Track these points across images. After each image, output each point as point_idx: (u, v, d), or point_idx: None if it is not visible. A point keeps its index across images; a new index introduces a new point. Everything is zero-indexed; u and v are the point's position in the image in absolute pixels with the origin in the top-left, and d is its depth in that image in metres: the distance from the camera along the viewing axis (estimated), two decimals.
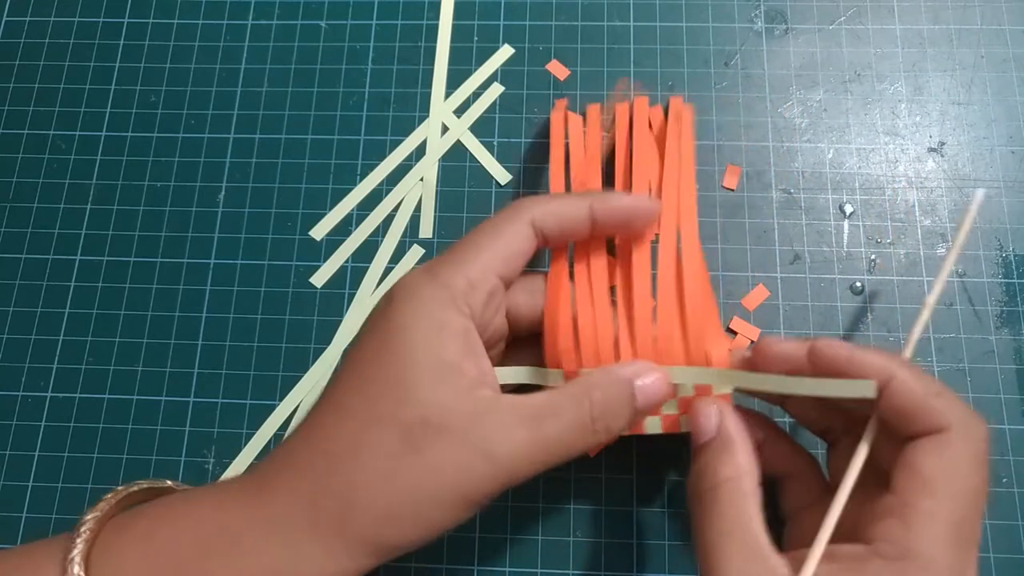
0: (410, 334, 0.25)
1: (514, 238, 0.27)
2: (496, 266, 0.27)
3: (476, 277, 0.26)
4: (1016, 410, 0.34)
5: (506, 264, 0.27)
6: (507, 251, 0.27)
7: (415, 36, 0.41)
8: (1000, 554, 0.32)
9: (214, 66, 0.41)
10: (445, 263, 0.27)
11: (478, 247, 0.27)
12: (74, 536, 0.24)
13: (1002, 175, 0.37)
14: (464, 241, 0.27)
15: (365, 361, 0.25)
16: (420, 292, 0.26)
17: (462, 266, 0.26)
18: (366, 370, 0.25)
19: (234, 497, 0.25)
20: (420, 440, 0.24)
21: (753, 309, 0.35)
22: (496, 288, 0.27)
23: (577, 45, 0.40)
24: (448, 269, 0.26)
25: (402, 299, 0.26)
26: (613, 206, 0.28)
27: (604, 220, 0.28)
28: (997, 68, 0.39)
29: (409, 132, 0.39)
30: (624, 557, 0.33)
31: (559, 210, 0.28)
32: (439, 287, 0.26)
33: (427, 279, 0.26)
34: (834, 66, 0.39)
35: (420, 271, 0.27)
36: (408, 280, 0.26)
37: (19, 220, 0.38)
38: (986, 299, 0.35)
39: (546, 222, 0.28)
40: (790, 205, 0.37)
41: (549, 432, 0.25)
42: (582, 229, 0.28)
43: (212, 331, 0.36)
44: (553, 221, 0.28)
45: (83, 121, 0.40)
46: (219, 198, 0.38)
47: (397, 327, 0.25)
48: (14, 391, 0.36)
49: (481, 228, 0.28)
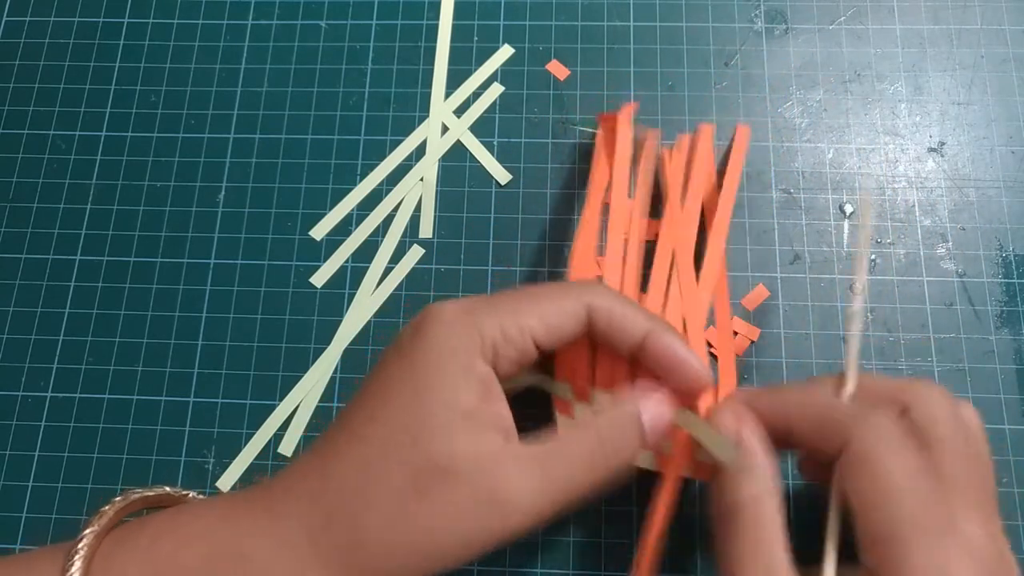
0: (435, 373, 0.24)
1: (565, 315, 0.26)
2: (536, 331, 0.26)
3: (512, 333, 0.25)
4: (1016, 410, 0.34)
5: (547, 334, 0.26)
6: (553, 322, 0.26)
7: (415, 36, 0.41)
8: None
9: (214, 66, 0.41)
10: (485, 307, 0.26)
11: (525, 305, 0.26)
12: (72, 552, 0.24)
13: (1002, 175, 0.37)
14: (516, 292, 0.27)
15: (386, 391, 0.25)
16: (452, 330, 0.25)
17: (503, 317, 0.25)
18: (385, 400, 0.25)
19: (242, 510, 0.25)
20: (428, 483, 0.23)
21: (753, 309, 0.35)
22: (528, 350, 0.26)
23: (577, 45, 0.40)
24: (487, 315, 0.25)
25: (433, 333, 0.25)
26: (667, 348, 0.26)
27: (651, 353, 0.27)
28: (997, 68, 0.39)
29: (409, 132, 0.39)
30: (624, 557, 0.33)
31: (619, 314, 0.26)
32: (472, 331, 0.25)
33: (464, 319, 0.25)
34: (834, 66, 0.39)
35: (459, 307, 0.26)
36: (444, 313, 0.25)
37: (19, 220, 0.38)
38: (986, 299, 0.35)
39: (602, 319, 0.26)
40: (790, 205, 0.37)
41: (558, 472, 0.24)
42: (628, 345, 0.27)
43: (212, 331, 0.36)
44: (607, 322, 0.26)
45: (83, 121, 0.40)
46: (219, 198, 0.38)
47: (422, 364, 0.25)
48: (14, 391, 0.36)
49: (539, 287, 0.27)
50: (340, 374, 0.36)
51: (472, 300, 0.26)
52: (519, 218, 0.37)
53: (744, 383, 0.34)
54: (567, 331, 0.26)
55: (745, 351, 0.35)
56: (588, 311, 0.26)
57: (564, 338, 0.26)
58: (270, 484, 0.25)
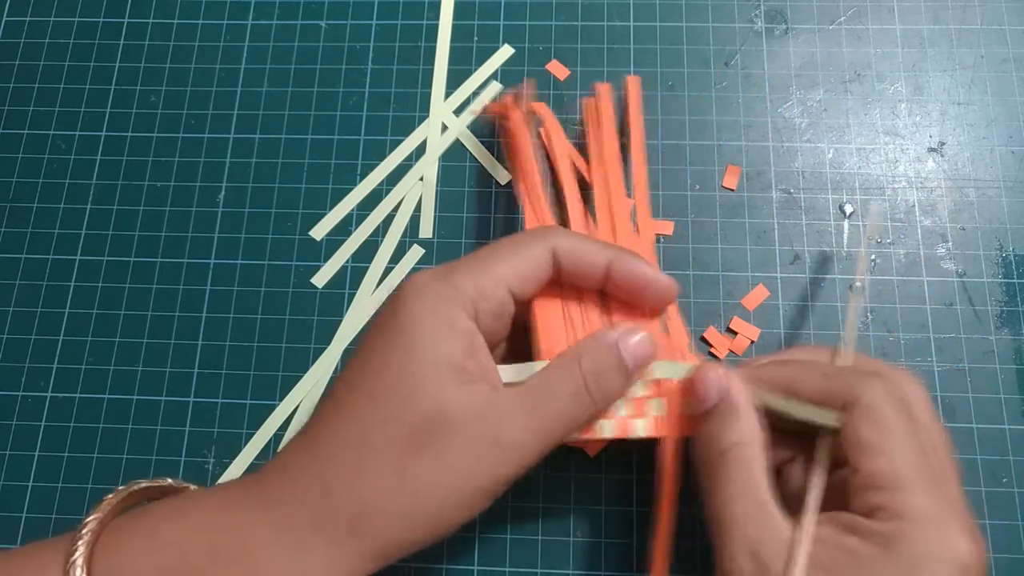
0: (416, 331, 0.25)
1: (533, 260, 0.27)
2: (509, 281, 0.27)
3: (487, 287, 0.26)
4: (1016, 410, 0.34)
5: (519, 282, 0.27)
6: (523, 269, 0.27)
7: (415, 36, 0.41)
8: (1000, 554, 0.32)
9: (214, 66, 0.41)
10: (458, 268, 0.27)
11: (494, 259, 0.27)
12: (76, 538, 0.24)
13: (1002, 175, 0.37)
14: (482, 251, 0.27)
15: (370, 359, 0.25)
16: (429, 290, 0.26)
17: (475, 273, 0.26)
18: (370, 368, 0.25)
19: (240, 498, 0.25)
20: (426, 438, 0.24)
21: (753, 309, 0.35)
22: (505, 301, 0.27)
23: (577, 45, 0.40)
24: (460, 273, 0.26)
25: (410, 296, 0.26)
26: (632, 271, 0.28)
27: (618, 280, 0.28)
28: (997, 68, 0.39)
29: (409, 132, 0.39)
30: (624, 557, 0.33)
31: (582, 251, 0.28)
32: (449, 288, 0.26)
33: (437, 279, 0.26)
34: (834, 66, 0.39)
35: (431, 272, 0.27)
36: (418, 278, 0.26)
37: (19, 220, 0.38)
38: (986, 299, 0.35)
39: (566, 258, 0.28)
40: (790, 205, 0.37)
41: (548, 409, 0.25)
42: (595, 278, 0.28)
43: (212, 331, 0.36)
44: (572, 260, 0.28)
45: (83, 121, 0.40)
46: (219, 198, 0.38)
47: (404, 324, 0.25)
48: (14, 391, 0.36)
49: (502, 242, 0.28)
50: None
51: (445, 264, 0.27)
52: (519, 218, 0.37)
53: None
54: (538, 276, 0.27)
55: (745, 351, 0.35)
56: (553, 253, 0.27)
57: (536, 283, 0.27)
58: (263, 470, 0.26)
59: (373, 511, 0.24)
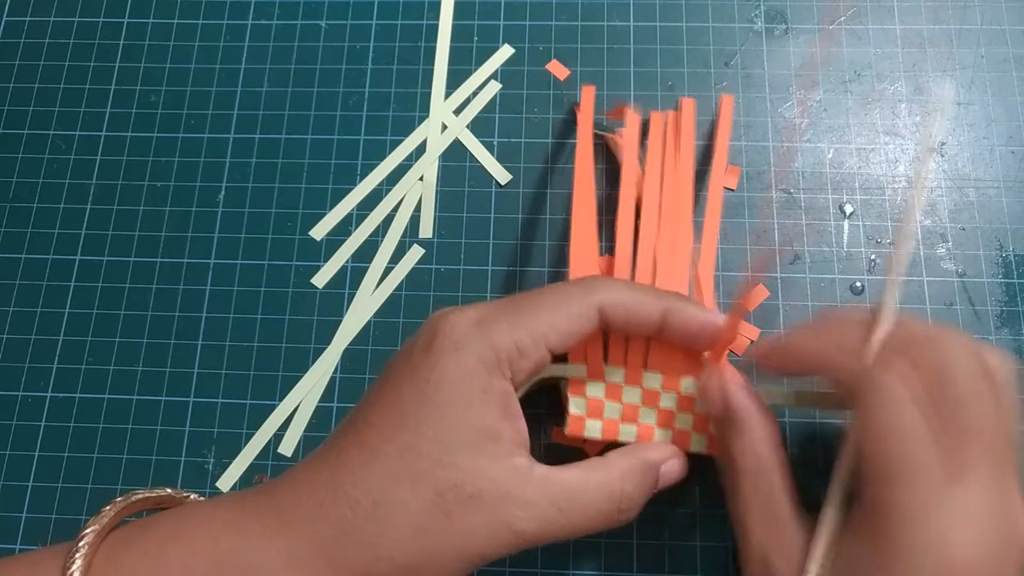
0: (452, 394, 0.24)
1: (577, 320, 0.26)
2: (549, 338, 0.26)
3: (527, 347, 0.25)
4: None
5: (560, 340, 0.26)
6: (566, 329, 0.26)
7: (415, 36, 0.41)
8: None
9: (214, 66, 0.41)
10: (498, 319, 0.25)
11: (537, 314, 0.26)
12: (72, 551, 0.24)
13: (1002, 175, 0.37)
14: (525, 300, 0.26)
15: (399, 407, 0.25)
16: (467, 348, 0.25)
17: (515, 330, 0.25)
18: (401, 420, 0.25)
19: (250, 517, 0.24)
20: (452, 505, 0.24)
21: (753, 309, 0.35)
22: (543, 359, 0.26)
23: (577, 45, 0.40)
24: (500, 329, 0.25)
25: (447, 350, 0.25)
26: (688, 321, 0.27)
27: (674, 332, 0.27)
28: (997, 68, 0.39)
29: (409, 132, 0.39)
30: (624, 557, 0.32)
31: (632, 306, 0.26)
32: (487, 348, 0.25)
33: (476, 335, 0.25)
34: (834, 66, 0.39)
35: (470, 320, 0.25)
36: (455, 329, 0.25)
37: (19, 220, 0.38)
38: (986, 299, 0.35)
39: (615, 313, 0.26)
40: (790, 205, 0.37)
41: (576, 518, 0.25)
42: (649, 330, 0.27)
43: (212, 331, 0.36)
44: (622, 315, 0.26)
45: (83, 121, 0.40)
46: (219, 198, 0.38)
47: (439, 383, 0.24)
48: (14, 391, 0.36)
49: (545, 293, 0.27)
50: (340, 374, 0.36)
51: (481, 311, 0.26)
52: (519, 218, 0.37)
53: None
54: (580, 334, 0.26)
55: (744, 351, 0.35)
56: (600, 310, 0.26)
57: (578, 340, 0.26)
58: (274, 491, 0.25)
59: (389, 561, 0.24)
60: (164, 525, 0.25)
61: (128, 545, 0.25)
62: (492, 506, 0.24)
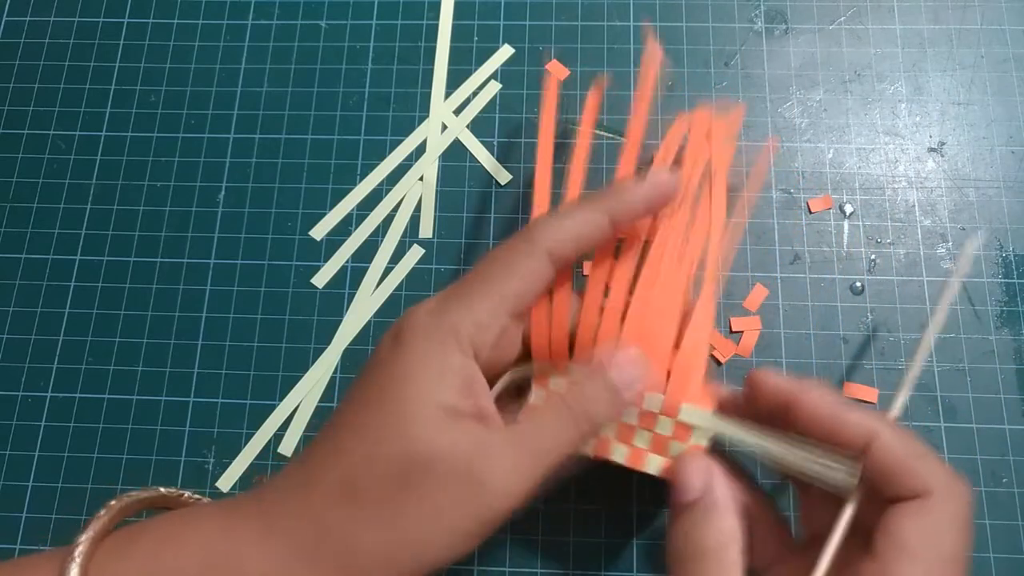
0: (410, 382, 0.25)
1: (528, 276, 0.26)
2: (507, 306, 0.26)
3: (484, 320, 0.25)
4: (1016, 410, 0.34)
5: (519, 302, 0.26)
6: (521, 289, 0.26)
7: (415, 36, 0.41)
8: (1000, 554, 0.32)
9: (214, 66, 0.41)
10: (454, 302, 0.26)
11: (489, 285, 0.26)
12: (68, 558, 0.24)
13: (1002, 175, 0.37)
14: (475, 276, 0.26)
15: (365, 402, 0.25)
16: (422, 332, 0.25)
17: (471, 307, 0.25)
18: (365, 411, 0.25)
19: (239, 523, 0.25)
20: (412, 479, 0.24)
21: (754, 310, 0.35)
22: (506, 325, 0.26)
23: (577, 45, 0.40)
24: (456, 310, 0.25)
25: (408, 342, 0.25)
26: (633, 202, 0.27)
27: (626, 220, 0.27)
28: (997, 68, 0.39)
29: (409, 132, 0.39)
30: (624, 557, 0.32)
31: (577, 231, 0.27)
32: (445, 332, 0.25)
33: (433, 319, 0.25)
34: (834, 66, 0.39)
35: (427, 307, 0.26)
36: (414, 316, 0.26)
37: (19, 220, 0.38)
38: (986, 299, 0.35)
39: (565, 249, 0.26)
40: (790, 205, 0.37)
41: (533, 449, 0.25)
42: (604, 239, 0.28)
43: (212, 331, 0.36)
44: (572, 246, 0.27)
45: (83, 121, 0.40)
46: (219, 198, 0.38)
47: (399, 374, 0.25)
48: (14, 391, 0.36)
49: (493, 261, 0.27)
50: (340, 374, 0.36)
51: (439, 297, 0.26)
52: (519, 218, 0.37)
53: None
54: (537, 289, 0.27)
55: (751, 351, 0.35)
56: (549, 254, 0.26)
57: (537, 293, 0.27)
58: (262, 495, 0.26)
59: (363, 551, 0.24)
60: (158, 530, 0.25)
61: (122, 550, 0.25)
62: (452, 470, 0.24)
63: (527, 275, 0.26)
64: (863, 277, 0.36)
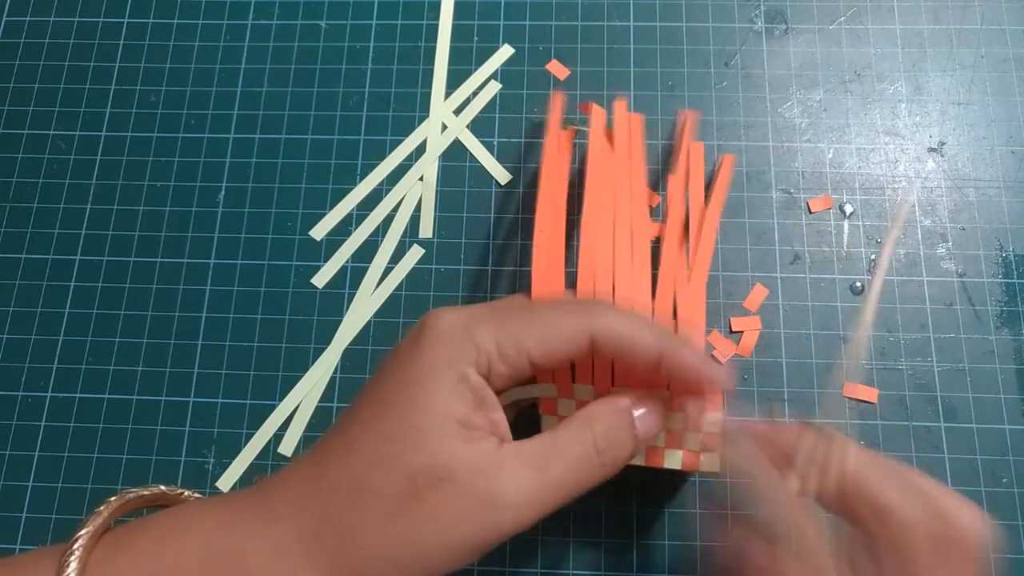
0: (428, 385, 0.25)
1: (566, 341, 0.25)
2: (532, 353, 0.25)
3: (508, 353, 0.25)
4: (1016, 410, 0.34)
5: (544, 357, 0.25)
6: (552, 348, 0.25)
7: (415, 36, 0.41)
8: (1000, 554, 0.32)
9: (214, 66, 0.41)
10: (486, 322, 0.25)
11: (527, 325, 0.25)
12: (68, 552, 0.24)
13: (1002, 175, 0.37)
14: (519, 309, 0.26)
15: (382, 400, 0.25)
16: (448, 341, 0.25)
17: (500, 335, 0.25)
18: (381, 409, 0.25)
19: (240, 517, 0.25)
20: (423, 487, 0.24)
21: (754, 310, 0.35)
22: (523, 370, 0.26)
23: (577, 45, 0.40)
24: (486, 331, 0.25)
25: (431, 345, 0.25)
26: (684, 364, 0.26)
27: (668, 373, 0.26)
28: (997, 68, 0.39)
29: (409, 132, 0.39)
30: (624, 557, 0.33)
31: (628, 341, 0.25)
32: (469, 345, 0.25)
33: (461, 331, 0.25)
34: (834, 66, 0.39)
35: (458, 318, 0.26)
36: (442, 322, 0.25)
37: (19, 220, 0.38)
38: (986, 299, 0.35)
39: (607, 343, 0.25)
40: (790, 205, 0.37)
41: (555, 472, 0.25)
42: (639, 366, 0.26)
43: (212, 331, 0.36)
44: (615, 346, 0.26)
45: (83, 121, 0.40)
46: (219, 198, 0.38)
47: (418, 374, 0.25)
48: (14, 391, 0.36)
49: (543, 307, 0.26)
50: (340, 374, 0.36)
51: (472, 311, 0.26)
52: (519, 218, 0.37)
53: (744, 384, 0.34)
54: (566, 354, 0.26)
55: (751, 351, 0.35)
56: (591, 337, 0.26)
57: (562, 360, 0.26)
58: (266, 487, 0.26)
59: (361, 548, 0.24)
60: (158, 525, 0.25)
61: (122, 545, 0.25)
62: (465, 481, 0.24)
63: (565, 339, 0.25)
64: (863, 277, 0.36)
